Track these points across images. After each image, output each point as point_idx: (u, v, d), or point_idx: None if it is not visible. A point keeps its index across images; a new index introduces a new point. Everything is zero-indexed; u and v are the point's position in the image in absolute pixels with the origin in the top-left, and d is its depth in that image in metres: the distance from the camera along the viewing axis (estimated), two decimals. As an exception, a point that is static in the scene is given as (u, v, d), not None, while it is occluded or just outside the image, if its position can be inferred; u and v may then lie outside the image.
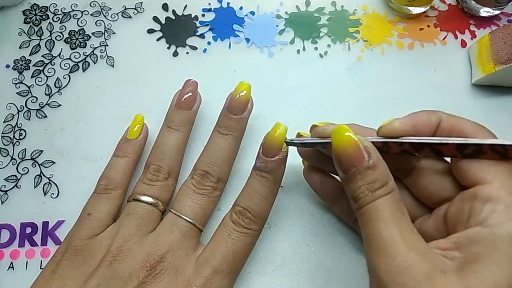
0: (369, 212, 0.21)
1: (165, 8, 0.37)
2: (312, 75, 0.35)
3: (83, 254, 0.26)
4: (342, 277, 0.29)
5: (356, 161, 0.21)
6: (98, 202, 0.28)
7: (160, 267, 0.25)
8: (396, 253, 0.19)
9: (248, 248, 0.27)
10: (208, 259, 0.26)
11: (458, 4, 0.38)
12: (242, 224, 0.26)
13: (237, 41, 0.36)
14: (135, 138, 0.30)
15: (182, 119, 0.30)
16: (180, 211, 0.27)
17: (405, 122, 0.23)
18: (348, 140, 0.22)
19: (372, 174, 0.21)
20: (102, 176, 0.29)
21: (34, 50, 0.36)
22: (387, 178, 0.21)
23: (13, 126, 0.34)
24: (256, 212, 0.27)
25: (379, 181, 0.21)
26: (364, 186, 0.21)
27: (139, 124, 0.31)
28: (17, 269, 0.30)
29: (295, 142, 0.26)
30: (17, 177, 0.32)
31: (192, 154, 0.32)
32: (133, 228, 0.27)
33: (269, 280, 0.29)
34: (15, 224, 0.31)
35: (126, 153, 0.30)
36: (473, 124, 0.23)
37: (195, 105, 0.31)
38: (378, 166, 0.21)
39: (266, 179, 0.27)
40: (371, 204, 0.21)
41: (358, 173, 0.21)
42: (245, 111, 0.29)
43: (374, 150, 0.22)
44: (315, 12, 0.38)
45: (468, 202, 0.21)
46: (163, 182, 0.28)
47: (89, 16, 0.37)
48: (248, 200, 0.27)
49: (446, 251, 0.20)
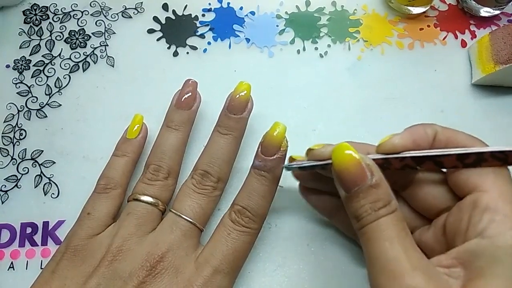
0: (372, 231, 0.20)
1: (165, 8, 0.37)
2: (312, 75, 0.35)
3: (83, 254, 0.26)
4: (342, 277, 0.29)
5: (358, 180, 0.21)
6: (98, 202, 0.28)
7: (160, 266, 0.25)
8: (401, 273, 0.19)
9: (248, 247, 0.27)
10: (208, 258, 0.26)
11: (458, 4, 0.38)
12: (242, 223, 0.26)
13: (237, 41, 0.36)
14: (134, 137, 0.30)
15: (182, 119, 0.30)
16: (180, 210, 0.27)
17: (405, 137, 0.23)
18: (350, 158, 0.21)
19: (375, 193, 0.21)
20: (101, 175, 0.29)
21: (34, 50, 0.36)
22: (390, 197, 0.21)
23: (13, 126, 0.34)
24: (255, 211, 0.27)
25: (382, 200, 0.21)
26: (367, 205, 0.21)
27: (139, 124, 0.31)
28: (17, 269, 0.30)
29: (293, 167, 0.26)
30: (17, 177, 0.32)
31: (192, 154, 0.32)
32: (133, 227, 0.27)
33: (269, 280, 0.29)
34: (15, 224, 0.31)
35: (125, 153, 0.30)
36: (468, 136, 0.23)
37: (194, 105, 0.31)
38: (381, 184, 0.21)
39: (265, 177, 0.27)
40: (375, 223, 0.20)
41: (360, 191, 0.21)
42: (245, 111, 0.29)
43: (376, 168, 0.21)
44: (315, 12, 0.38)
45: (466, 212, 0.21)
46: (163, 182, 0.28)
47: (89, 16, 0.37)
48: (247, 199, 0.27)
49: (449, 269, 0.20)
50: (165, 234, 0.26)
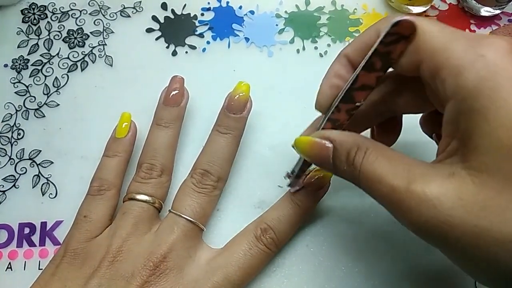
0: (366, 180, 0.20)
1: (164, 7, 0.37)
2: (312, 75, 0.35)
3: (82, 257, 0.26)
4: (342, 277, 0.29)
5: (324, 152, 0.22)
6: (93, 204, 0.28)
7: (164, 266, 0.25)
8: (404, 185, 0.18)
9: (261, 267, 0.28)
10: (222, 265, 0.26)
11: (458, 3, 0.38)
12: (265, 242, 0.27)
13: (236, 41, 0.36)
14: (123, 136, 0.30)
15: (171, 116, 0.30)
16: (180, 210, 0.27)
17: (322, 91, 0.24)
18: (305, 144, 0.23)
19: (342, 149, 0.21)
20: (94, 177, 0.29)
21: (33, 50, 0.36)
22: (356, 143, 0.21)
23: (11, 125, 0.33)
24: (280, 235, 0.27)
25: (352, 149, 0.21)
26: (344, 165, 0.21)
27: (127, 122, 0.30)
28: (15, 270, 0.29)
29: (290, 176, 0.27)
30: (15, 177, 0.32)
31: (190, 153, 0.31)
32: (130, 227, 0.26)
33: (269, 281, 0.29)
34: (13, 224, 0.31)
35: (116, 153, 0.29)
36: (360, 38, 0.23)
37: (183, 101, 0.30)
38: (342, 141, 0.21)
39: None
40: (362, 173, 0.20)
41: (334, 158, 0.21)
42: (244, 110, 0.29)
43: (328, 132, 0.22)
44: (315, 12, 0.37)
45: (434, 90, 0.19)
46: (157, 180, 0.28)
47: (88, 15, 0.37)
48: (279, 225, 0.27)
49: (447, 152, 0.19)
50: (166, 234, 0.26)
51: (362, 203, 0.31)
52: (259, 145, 0.32)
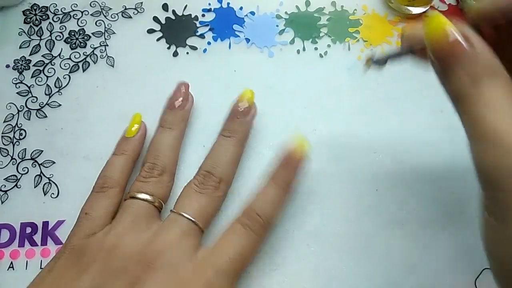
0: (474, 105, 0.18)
1: (165, 8, 0.37)
2: (312, 75, 0.35)
3: (79, 253, 0.26)
4: (342, 277, 0.29)
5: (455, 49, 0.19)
6: (96, 201, 0.28)
7: (157, 263, 0.25)
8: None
9: (254, 253, 0.27)
10: (213, 261, 0.26)
11: (458, 4, 0.38)
12: (252, 228, 0.27)
13: (237, 41, 0.36)
14: (132, 136, 0.30)
15: (175, 118, 0.30)
16: (180, 209, 0.27)
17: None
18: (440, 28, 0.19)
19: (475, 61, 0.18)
20: (100, 175, 0.29)
21: (34, 50, 0.36)
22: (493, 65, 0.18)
23: (13, 126, 0.34)
24: (266, 218, 0.27)
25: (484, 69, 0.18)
26: (465, 78, 0.18)
27: (137, 123, 0.31)
28: (17, 269, 0.30)
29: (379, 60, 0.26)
30: (17, 177, 0.32)
31: (191, 153, 0.32)
32: (127, 224, 0.26)
33: (269, 280, 0.29)
34: (15, 224, 0.31)
35: (123, 151, 0.30)
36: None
37: (187, 105, 0.31)
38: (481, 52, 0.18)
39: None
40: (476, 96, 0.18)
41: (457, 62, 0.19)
42: (249, 115, 0.30)
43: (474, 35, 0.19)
44: (315, 12, 0.38)
45: None
46: (157, 178, 0.28)
47: (89, 16, 0.37)
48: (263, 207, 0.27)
49: None
50: (164, 232, 0.26)
51: (362, 203, 0.31)
52: (259, 145, 0.33)
